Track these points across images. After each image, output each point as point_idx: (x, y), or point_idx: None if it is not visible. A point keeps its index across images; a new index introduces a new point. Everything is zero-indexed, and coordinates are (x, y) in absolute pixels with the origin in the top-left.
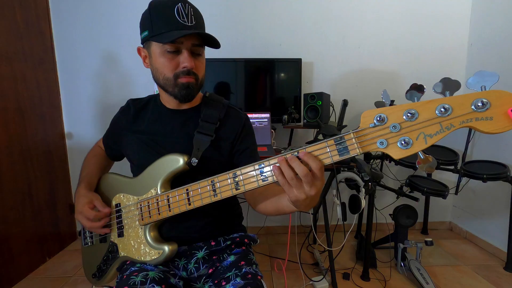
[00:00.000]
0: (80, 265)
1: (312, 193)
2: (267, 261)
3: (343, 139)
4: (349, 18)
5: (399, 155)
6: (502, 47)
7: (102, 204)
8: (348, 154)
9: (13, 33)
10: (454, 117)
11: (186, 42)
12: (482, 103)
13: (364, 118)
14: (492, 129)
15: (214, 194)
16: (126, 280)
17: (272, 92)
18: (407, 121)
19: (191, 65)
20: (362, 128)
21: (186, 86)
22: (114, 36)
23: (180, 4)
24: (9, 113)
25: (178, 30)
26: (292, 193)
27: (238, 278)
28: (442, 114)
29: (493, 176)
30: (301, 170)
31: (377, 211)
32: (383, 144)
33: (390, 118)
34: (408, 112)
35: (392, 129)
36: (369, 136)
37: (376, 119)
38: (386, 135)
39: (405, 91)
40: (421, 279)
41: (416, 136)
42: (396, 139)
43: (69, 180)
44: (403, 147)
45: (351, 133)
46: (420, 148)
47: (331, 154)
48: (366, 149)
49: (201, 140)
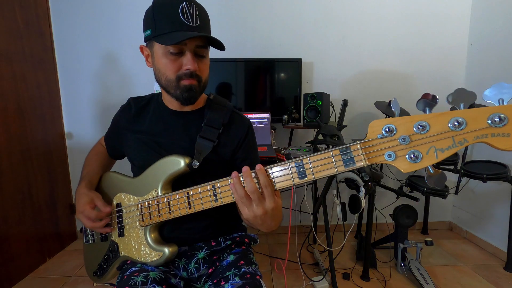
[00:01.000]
0: (80, 265)
1: (259, 212)
2: (267, 261)
3: (349, 150)
4: (349, 18)
5: (408, 168)
6: (502, 47)
7: (103, 204)
8: (354, 165)
9: (13, 33)
10: (468, 131)
11: (189, 44)
12: (499, 118)
13: (372, 128)
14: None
15: (215, 199)
16: (127, 280)
17: (272, 92)
18: (418, 133)
19: (194, 67)
20: (369, 138)
21: (188, 89)
22: (114, 36)
23: (185, 3)
24: (9, 113)
25: (181, 31)
26: (244, 210)
27: (237, 277)
28: (456, 128)
29: (493, 176)
30: (250, 186)
31: (377, 211)
32: (391, 156)
33: (399, 129)
34: (419, 124)
35: (401, 141)
36: (377, 147)
37: (385, 130)
38: (395, 147)
39: (405, 91)
40: (421, 279)
41: (426, 150)
42: (405, 152)
43: (69, 180)
44: (412, 161)
45: (358, 143)
46: (430, 163)
47: (336, 165)
48: (373, 161)
49: (203, 145)
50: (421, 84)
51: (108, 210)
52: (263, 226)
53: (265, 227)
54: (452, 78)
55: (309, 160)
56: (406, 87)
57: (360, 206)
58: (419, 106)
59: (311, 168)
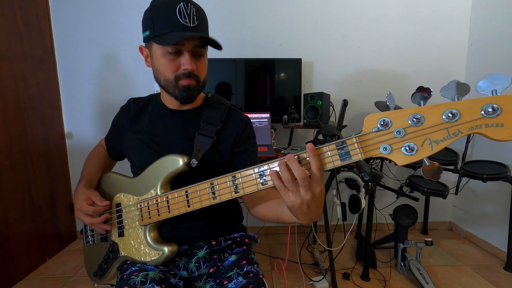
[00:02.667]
0: (80, 265)
1: (308, 197)
2: (267, 261)
3: (345, 144)
4: (349, 18)
5: (403, 161)
6: (502, 47)
7: (101, 199)
8: (350, 159)
9: (13, 33)
10: (462, 123)
11: (187, 44)
12: (492, 109)
13: (367, 122)
14: (503, 137)
15: (213, 197)
16: (126, 280)
17: (272, 92)
18: (413, 126)
19: (192, 67)
20: (365, 132)
21: (186, 88)
22: (114, 36)
23: (182, 3)
24: (9, 113)
25: (179, 32)
26: (288, 197)
27: (240, 277)
28: (450, 119)
29: (493, 176)
30: (300, 172)
31: (377, 211)
32: (387, 149)
33: (394, 122)
34: (413, 117)
35: (396, 134)
36: (372, 141)
37: (380, 124)
38: (390, 140)
39: (405, 90)
40: (421, 279)
41: (421, 142)
42: (400, 145)
43: (69, 180)
44: (408, 153)
45: (354, 137)
46: (425, 155)
47: (333, 159)
48: (369, 155)
49: (201, 142)
50: (421, 83)
51: (106, 203)
52: (307, 215)
53: (309, 217)
54: (452, 78)
55: (306, 155)
56: (406, 87)
57: (360, 206)
58: (414, 100)
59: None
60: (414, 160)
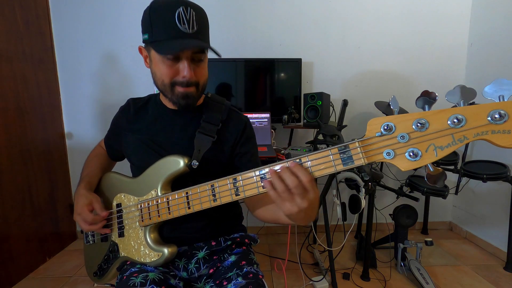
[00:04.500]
0: (80, 265)
1: (305, 205)
2: (267, 261)
3: (348, 148)
4: (349, 18)
5: (407, 166)
6: (502, 47)
7: (101, 208)
8: (353, 164)
9: (13, 33)
10: (468, 128)
11: (186, 51)
12: (499, 115)
13: (370, 126)
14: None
15: (213, 199)
16: (126, 281)
17: (272, 92)
18: (417, 131)
19: (190, 76)
20: (368, 136)
21: (185, 96)
22: (114, 36)
23: (182, 8)
24: (9, 113)
25: (177, 39)
26: (285, 206)
27: (240, 277)
28: (455, 125)
29: (493, 176)
30: (292, 181)
31: (377, 211)
32: (390, 154)
33: (398, 127)
34: (418, 122)
35: (400, 139)
36: (376, 145)
37: (383, 128)
38: (394, 145)
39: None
40: (421, 279)
41: (426, 147)
42: (404, 150)
43: (69, 180)
44: (412, 158)
45: (356, 141)
46: (429, 161)
47: (335, 164)
48: (372, 159)
49: (202, 141)
50: (421, 84)
51: (104, 215)
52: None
53: (306, 220)
54: (452, 78)
55: (308, 159)
56: (406, 87)
57: (360, 206)
58: (418, 104)
59: (309, 167)
60: (418, 165)
